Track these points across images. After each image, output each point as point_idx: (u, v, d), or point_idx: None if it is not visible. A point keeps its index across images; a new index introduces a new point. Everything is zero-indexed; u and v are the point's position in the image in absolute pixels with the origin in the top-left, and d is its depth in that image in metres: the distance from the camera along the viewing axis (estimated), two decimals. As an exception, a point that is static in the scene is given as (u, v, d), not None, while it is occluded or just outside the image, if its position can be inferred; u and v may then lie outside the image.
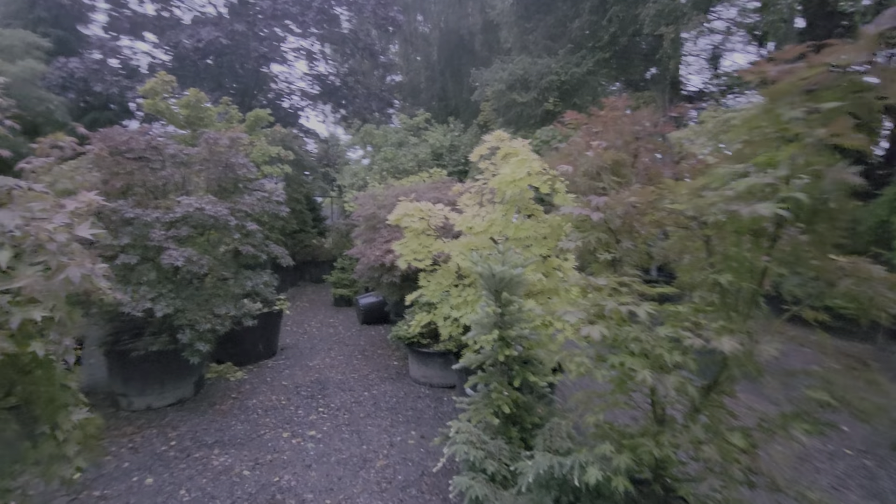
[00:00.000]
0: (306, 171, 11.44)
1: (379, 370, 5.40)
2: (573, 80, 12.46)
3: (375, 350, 6.18)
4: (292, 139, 9.54)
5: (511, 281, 2.81)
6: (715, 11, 11.39)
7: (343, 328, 7.40)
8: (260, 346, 5.65)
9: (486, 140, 3.64)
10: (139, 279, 3.82)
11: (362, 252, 5.58)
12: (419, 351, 4.87)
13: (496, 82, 12.64)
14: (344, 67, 15.43)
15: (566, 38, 13.43)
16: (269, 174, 7.84)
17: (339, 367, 5.53)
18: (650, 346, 1.57)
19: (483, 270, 2.75)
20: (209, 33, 10.31)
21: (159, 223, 3.86)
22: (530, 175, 3.15)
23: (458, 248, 3.51)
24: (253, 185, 4.87)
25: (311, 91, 15.11)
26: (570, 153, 2.32)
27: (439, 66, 22.55)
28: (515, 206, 3.43)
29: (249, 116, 7.98)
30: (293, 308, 8.66)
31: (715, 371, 1.88)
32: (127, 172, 4.14)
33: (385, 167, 8.97)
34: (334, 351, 6.16)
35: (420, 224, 3.58)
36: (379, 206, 5.78)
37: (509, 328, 2.79)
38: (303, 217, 11.23)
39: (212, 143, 4.37)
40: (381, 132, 10.20)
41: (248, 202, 4.46)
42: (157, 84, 6.67)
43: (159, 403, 4.32)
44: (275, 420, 4.11)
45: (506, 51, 16.51)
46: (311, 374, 5.25)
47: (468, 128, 14.20)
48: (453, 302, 3.66)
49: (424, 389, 4.83)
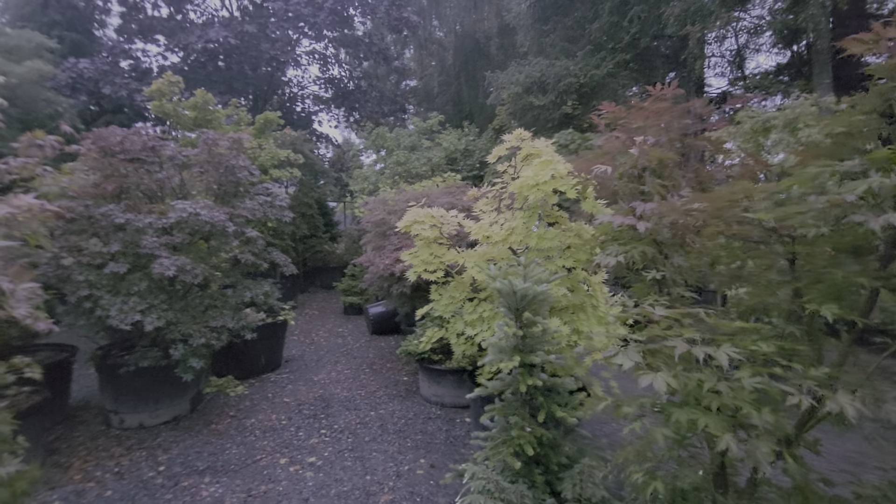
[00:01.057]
0: (318, 176, 11.23)
1: (387, 386, 5.06)
2: (592, 83, 12.05)
3: (384, 364, 5.84)
4: (303, 143, 9.32)
5: (535, 299, 2.44)
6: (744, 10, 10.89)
7: (352, 338, 7.09)
8: (263, 358, 5.35)
9: (505, 140, 3.29)
10: (129, 289, 3.55)
11: (371, 260, 5.27)
12: (430, 368, 4.52)
13: (512, 85, 12.29)
14: (357, 71, 15.25)
15: (585, 39, 13.04)
16: (279, 178, 7.60)
17: (346, 382, 5.20)
18: (731, 399, 1.20)
19: (502, 286, 2.39)
20: (217, 34, 10.18)
21: (152, 229, 3.59)
22: (555, 178, 2.79)
23: (473, 259, 3.16)
24: (255, 189, 4.60)
25: (323, 95, 14.95)
26: (607, 151, 1.96)
27: (454, 70, 22.32)
28: (537, 213, 3.07)
29: (259, 119, 7.77)
30: (301, 316, 8.39)
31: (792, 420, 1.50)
32: (121, 175, 3.89)
33: (397, 171, 8.68)
34: (341, 364, 5.84)
35: (432, 232, 3.24)
36: (389, 212, 5.46)
37: (532, 353, 2.42)
38: (314, 222, 11.00)
39: (211, 144, 4.11)
40: (393, 135, 9.93)
41: (248, 207, 4.18)
42: (163, 85, 6.49)
43: (153, 421, 4.04)
44: (273, 443, 3.79)
45: (522, 54, 16.17)
46: (316, 390, 4.93)
47: (483, 132, 13.88)
48: (468, 318, 3.30)
49: (435, 410, 4.47)
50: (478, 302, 3.38)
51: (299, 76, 14.43)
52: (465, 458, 3.59)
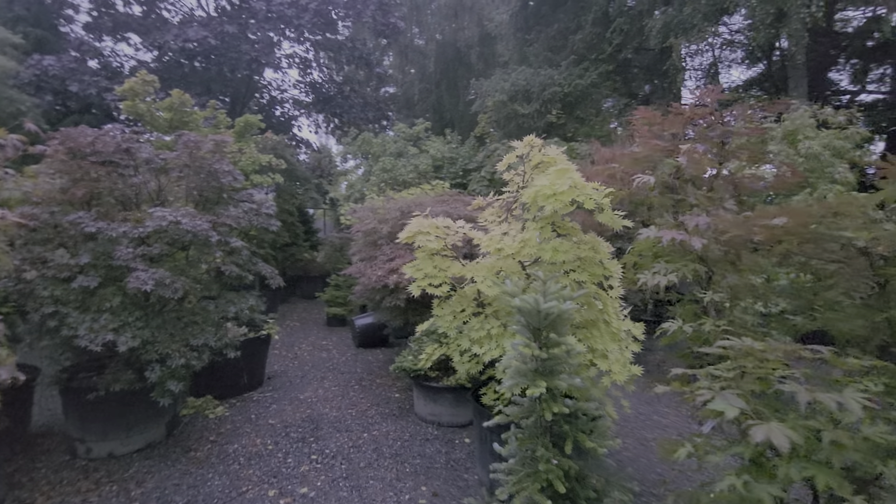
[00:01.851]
0: (298, 182, 10.87)
1: (379, 404, 4.80)
2: (576, 92, 12.12)
3: (374, 379, 5.57)
4: (284, 147, 8.99)
5: (560, 317, 2.27)
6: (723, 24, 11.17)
7: (337, 352, 6.78)
8: (244, 376, 5.01)
9: (514, 146, 3.13)
10: (101, 305, 3.21)
11: (361, 271, 5.02)
12: (426, 385, 4.29)
13: (497, 93, 12.25)
14: (339, 76, 14.96)
15: (568, 50, 13.14)
16: (259, 184, 7.26)
17: (334, 400, 4.91)
18: (853, 452, 1.04)
19: (525, 304, 2.21)
20: (196, 33, 9.76)
21: (127, 239, 3.26)
22: (573, 188, 2.63)
23: (482, 273, 2.97)
24: (239, 195, 4.30)
25: (304, 99, 14.59)
26: (645, 157, 1.81)
27: (435, 77, 22.28)
28: (551, 225, 2.91)
29: (239, 122, 7.42)
30: (283, 328, 8.02)
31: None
32: (92, 179, 3.55)
33: (384, 178, 8.45)
34: (328, 380, 5.53)
35: (437, 244, 3.03)
36: (380, 221, 5.24)
37: (555, 376, 2.24)
38: (294, 230, 10.63)
39: (192, 146, 3.81)
40: (379, 141, 9.70)
41: (233, 215, 3.89)
42: (136, 84, 6.10)
43: (124, 450, 3.67)
44: (259, 472, 3.48)
45: (502, 64, 16.22)
46: (303, 410, 4.63)
47: (465, 140, 13.80)
48: (474, 335, 3.10)
49: (432, 430, 4.24)
50: (485, 317, 3.19)
51: (279, 79, 14.07)
52: (468, 484, 3.38)
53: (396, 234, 5.18)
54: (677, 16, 9.82)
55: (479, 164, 11.33)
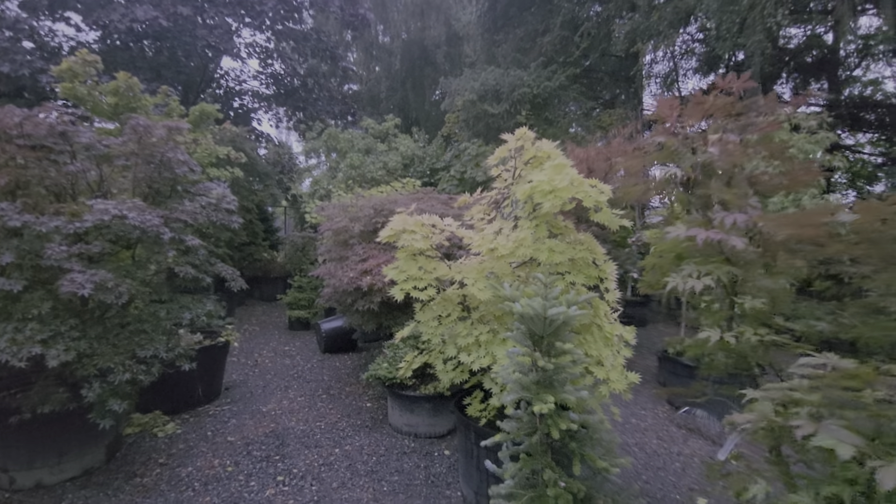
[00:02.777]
0: (258, 178, 10.28)
1: (350, 415, 4.48)
2: (545, 94, 12.16)
3: (343, 387, 5.23)
4: (244, 140, 8.44)
5: (564, 324, 2.08)
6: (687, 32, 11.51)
7: (301, 358, 6.37)
8: (199, 387, 4.55)
9: (506, 139, 2.93)
10: (26, 313, 2.74)
11: (331, 272, 4.68)
12: (403, 395, 4.02)
13: (467, 91, 12.09)
14: (302, 68, 14.34)
15: (536, 51, 13.18)
16: (217, 178, 6.73)
17: (301, 412, 4.54)
18: None
19: (529, 310, 2.00)
20: (146, 13, 9.00)
21: (60, 235, 2.81)
22: (573, 185, 2.46)
23: (472, 275, 2.75)
24: (196, 188, 3.88)
25: (265, 92, 13.88)
26: (676, 150, 1.64)
27: (401, 76, 21.97)
28: (546, 224, 2.73)
29: (194, 111, 6.86)
30: (242, 332, 7.49)
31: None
32: (18, 165, 3.05)
33: (351, 175, 8.08)
34: (293, 389, 5.15)
35: (423, 243, 2.78)
36: (352, 219, 4.92)
37: (562, 389, 2.04)
38: (253, 228, 10.04)
39: (142, 132, 3.37)
40: (346, 136, 9.29)
41: (188, 210, 3.47)
42: (76, 64, 5.48)
43: (55, 479, 3.18)
44: (217, 499, 3.10)
45: (469, 64, 16.12)
46: (266, 424, 4.24)
47: (432, 140, 13.55)
48: (461, 342, 2.87)
49: (409, 441, 3.97)
50: (473, 323, 2.96)
51: (238, 69, 13.30)
52: (451, 502, 3.14)
53: (370, 232, 4.89)
54: (643, 21, 10.01)
55: (447, 164, 11.14)
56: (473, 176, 10.11)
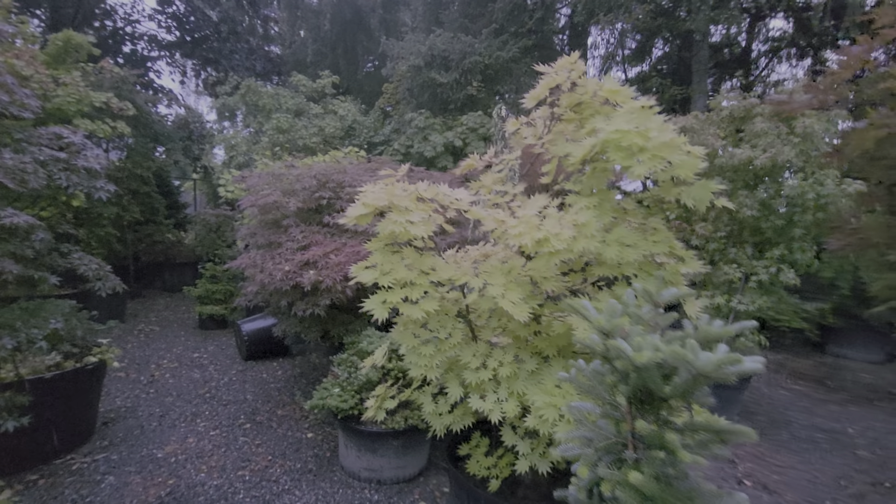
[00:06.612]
0: (158, 141, 8.33)
1: (285, 454, 3.34)
2: (497, 65, 11.26)
3: (273, 410, 4.03)
4: (133, 90, 6.60)
5: (704, 377, 1.17)
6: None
7: (216, 369, 5.01)
8: (55, 431, 3.13)
9: (546, 72, 1.94)
10: None
11: (257, 263, 3.44)
12: (362, 430, 2.96)
13: (413, 56, 10.81)
14: (214, 13, 12.08)
15: (486, 18, 12.19)
16: (93, 133, 5.02)
17: (214, 454, 3.31)
18: None
19: (675, 356, 1.06)
20: None
21: None
22: (673, 142, 1.53)
23: (500, 280, 1.75)
24: (35, 134, 2.45)
25: (165, 37, 11.51)
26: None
27: (331, 39, 19.90)
28: (608, 203, 1.79)
29: (55, 39, 5.04)
30: (133, 336, 5.88)
31: None
32: None
33: (278, 141, 6.62)
34: (203, 418, 3.86)
35: (422, 227, 1.70)
36: (286, 192, 3.68)
37: (671, 475, 1.15)
38: (151, 203, 8.15)
39: None
40: (271, 92, 7.70)
41: (10, 166, 2.09)
42: None
43: None
44: None
45: (407, 32, 14.72)
46: (161, 482, 2.97)
47: (369, 111, 12.15)
48: (471, 378, 1.88)
49: (370, 492, 2.95)
50: (487, 348, 1.98)
51: (128, 4, 10.82)
52: None
53: (312, 210, 3.67)
54: (603, -7, 9.41)
55: (386, 138, 9.93)
56: (421, 150, 9.02)
